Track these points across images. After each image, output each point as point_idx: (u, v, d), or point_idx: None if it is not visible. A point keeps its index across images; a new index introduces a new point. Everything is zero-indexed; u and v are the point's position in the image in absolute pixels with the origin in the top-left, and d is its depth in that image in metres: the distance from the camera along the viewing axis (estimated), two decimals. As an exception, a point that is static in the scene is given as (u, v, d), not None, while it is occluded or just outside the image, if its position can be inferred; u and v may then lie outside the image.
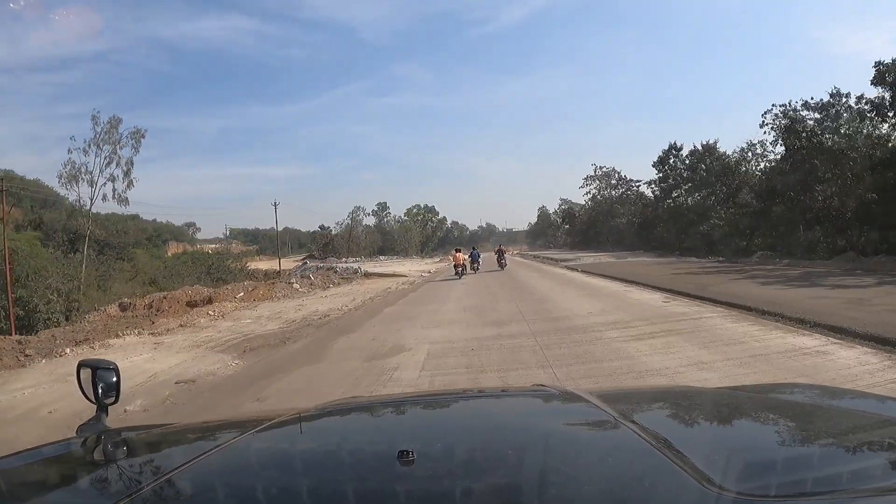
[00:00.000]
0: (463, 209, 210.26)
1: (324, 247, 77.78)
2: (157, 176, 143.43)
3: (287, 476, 1.04)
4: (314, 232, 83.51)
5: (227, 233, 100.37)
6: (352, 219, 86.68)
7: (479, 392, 2.32)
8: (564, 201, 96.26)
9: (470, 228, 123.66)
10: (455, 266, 23.20)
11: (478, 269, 24.90)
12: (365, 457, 1.14)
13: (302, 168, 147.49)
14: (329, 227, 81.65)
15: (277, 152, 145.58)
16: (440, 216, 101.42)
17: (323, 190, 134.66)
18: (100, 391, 1.50)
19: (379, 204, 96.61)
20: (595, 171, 67.41)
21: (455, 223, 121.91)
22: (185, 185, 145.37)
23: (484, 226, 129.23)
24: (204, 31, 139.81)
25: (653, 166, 41.44)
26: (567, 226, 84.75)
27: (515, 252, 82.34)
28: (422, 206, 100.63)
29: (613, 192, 63.98)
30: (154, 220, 71.06)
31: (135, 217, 67.07)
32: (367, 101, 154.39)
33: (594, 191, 67.94)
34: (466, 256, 24.99)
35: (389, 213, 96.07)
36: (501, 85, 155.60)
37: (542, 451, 1.09)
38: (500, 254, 29.34)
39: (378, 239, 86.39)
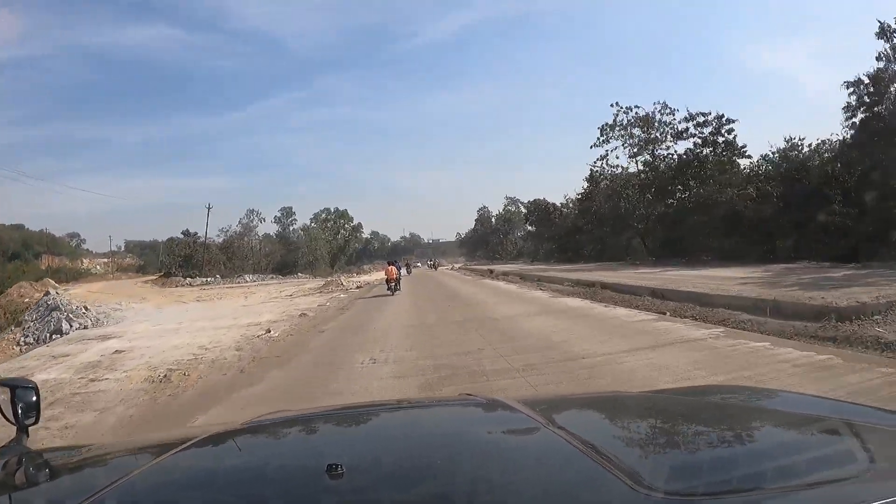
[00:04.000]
0: (387, 221, 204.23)
1: (184, 261, 54.09)
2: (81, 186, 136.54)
3: (212, 494, 1.02)
4: (171, 239, 59.06)
5: (122, 245, 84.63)
6: (243, 226, 64.53)
7: (407, 403, 2.27)
8: (511, 201, 77.41)
9: (392, 239, 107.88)
10: (387, 281, 20.19)
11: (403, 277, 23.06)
12: (292, 472, 1.12)
13: (230, 181, 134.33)
14: (196, 233, 57.55)
15: (206, 164, 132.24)
16: (355, 222, 79.86)
17: (251, 203, 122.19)
18: (19, 411, 1.43)
19: (283, 209, 75.19)
20: (617, 115, 35.18)
21: (375, 233, 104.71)
22: (110, 198, 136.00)
23: (408, 236, 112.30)
24: (130, 40, 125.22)
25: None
26: (532, 227, 59.74)
27: (458, 267, 60.83)
28: (332, 209, 78.59)
29: (665, 149, 33.53)
30: (42, 231, 65.06)
31: (19, 227, 62.47)
32: (296, 114, 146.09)
33: (620, 152, 36.10)
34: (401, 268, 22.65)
35: (296, 220, 74.74)
36: (429, 98, 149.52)
37: (470, 461, 1.09)
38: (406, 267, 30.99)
39: (279, 250, 68.10)
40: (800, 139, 25.10)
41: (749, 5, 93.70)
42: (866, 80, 20.74)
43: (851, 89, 21.23)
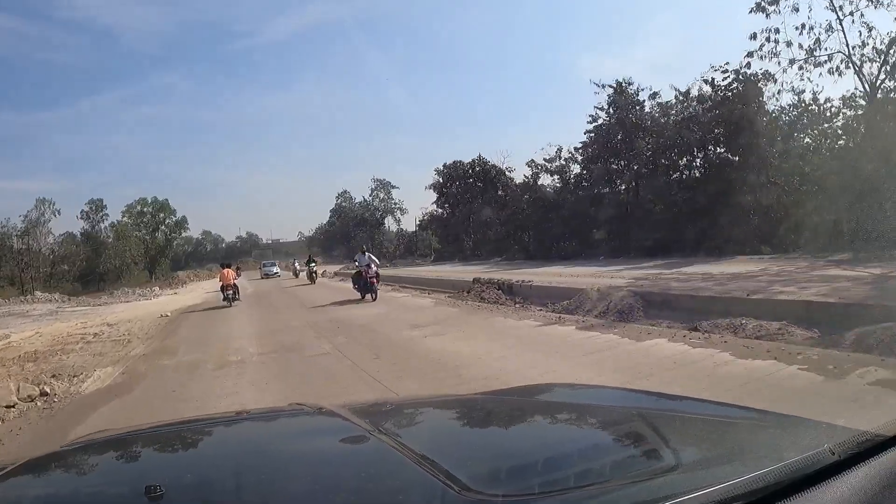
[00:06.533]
0: (222, 221, 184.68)
1: None
2: None
3: None
4: None
5: None
6: (29, 221, 47.12)
7: (236, 415, 2.20)
8: (381, 184, 60.34)
9: (227, 240, 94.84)
10: (223, 288, 16.24)
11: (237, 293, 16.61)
12: (109, 497, 1.08)
13: (52, 182, 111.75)
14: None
15: (27, 164, 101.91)
16: (178, 216, 61.56)
17: (75, 208, 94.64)
18: None
19: (91, 201, 56.40)
20: None
21: (207, 233, 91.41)
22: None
23: (244, 236, 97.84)
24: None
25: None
26: (442, 209, 37.94)
27: (333, 273, 43.42)
28: (149, 199, 60.27)
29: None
30: None
31: None
32: (127, 111, 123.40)
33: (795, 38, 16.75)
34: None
35: (107, 216, 56.41)
36: (269, 97, 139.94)
37: (294, 471, 1.09)
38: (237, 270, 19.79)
39: (82, 252, 51.16)
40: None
41: (583, 14, 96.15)
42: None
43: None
